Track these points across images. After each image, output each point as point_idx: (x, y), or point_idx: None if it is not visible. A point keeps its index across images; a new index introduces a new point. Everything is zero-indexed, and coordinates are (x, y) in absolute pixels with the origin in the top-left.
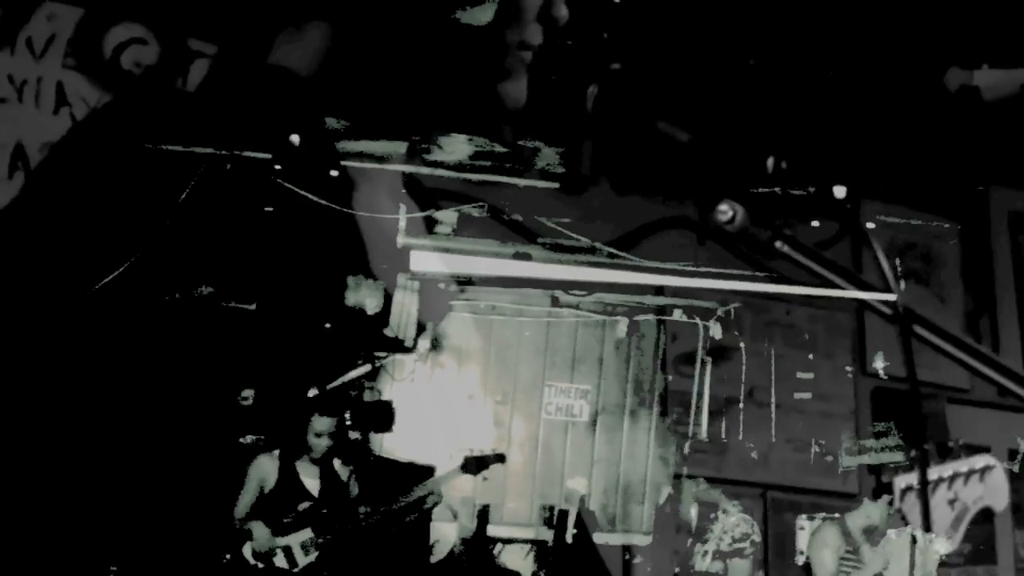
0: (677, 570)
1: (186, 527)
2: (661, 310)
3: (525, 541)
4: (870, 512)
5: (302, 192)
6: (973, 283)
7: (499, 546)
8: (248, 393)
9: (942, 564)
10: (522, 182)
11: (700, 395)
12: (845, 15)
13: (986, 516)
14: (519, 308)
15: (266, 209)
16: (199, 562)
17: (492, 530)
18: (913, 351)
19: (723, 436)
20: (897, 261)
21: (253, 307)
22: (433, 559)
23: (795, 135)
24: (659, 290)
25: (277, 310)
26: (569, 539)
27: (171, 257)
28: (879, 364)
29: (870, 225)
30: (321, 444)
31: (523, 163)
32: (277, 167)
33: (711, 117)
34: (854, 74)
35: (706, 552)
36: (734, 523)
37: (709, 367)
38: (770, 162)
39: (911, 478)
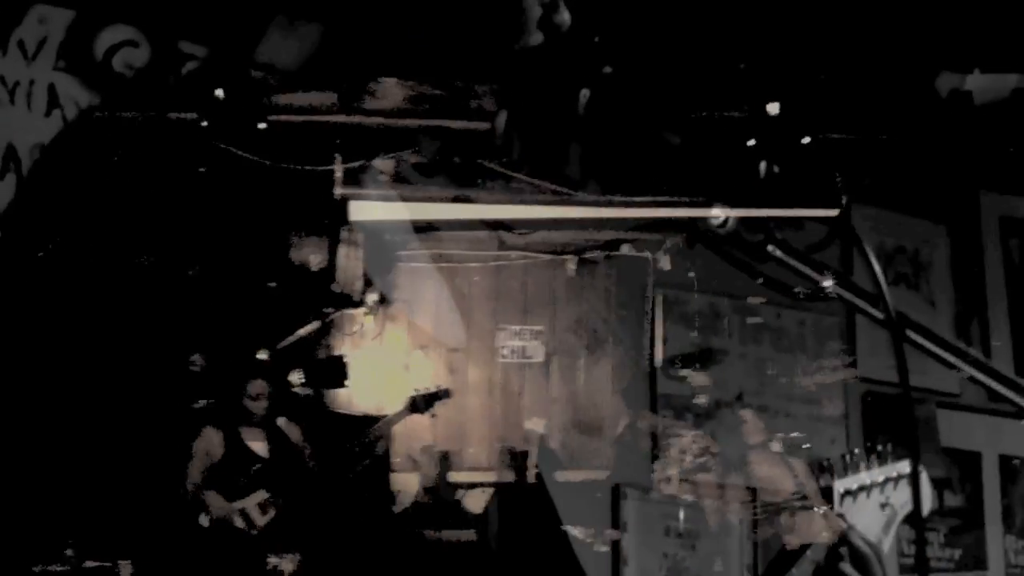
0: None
1: (143, 498)
2: (609, 245)
3: (488, 485)
4: None
5: (233, 150)
6: (963, 287)
7: (461, 492)
8: (197, 358)
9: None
10: (458, 124)
11: (652, 329)
12: (836, 19)
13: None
14: (466, 254)
15: (199, 170)
16: (157, 533)
17: (454, 476)
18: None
19: (713, 441)
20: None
21: (195, 272)
22: (396, 509)
23: (786, 139)
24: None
25: (219, 273)
26: (531, 479)
27: (109, 227)
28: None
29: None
30: (258, 407)
31: (459, 105)
32: (204, 125)
33: (702, 120)
34: (845, 78)
35: (670, 478)
36: (690, 441)
37: (662, 303)
38: (762, 166)
39: (849, 482)
